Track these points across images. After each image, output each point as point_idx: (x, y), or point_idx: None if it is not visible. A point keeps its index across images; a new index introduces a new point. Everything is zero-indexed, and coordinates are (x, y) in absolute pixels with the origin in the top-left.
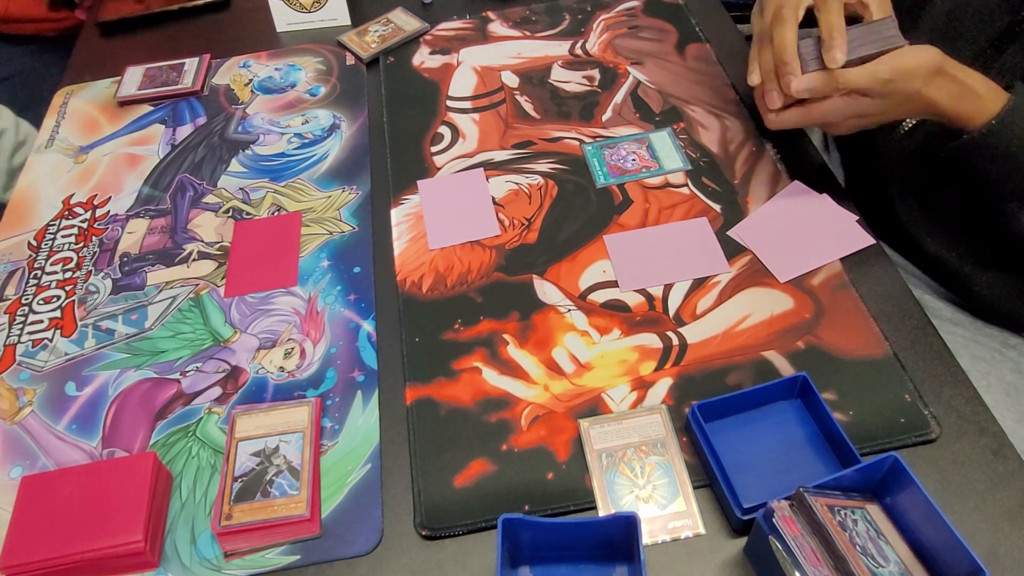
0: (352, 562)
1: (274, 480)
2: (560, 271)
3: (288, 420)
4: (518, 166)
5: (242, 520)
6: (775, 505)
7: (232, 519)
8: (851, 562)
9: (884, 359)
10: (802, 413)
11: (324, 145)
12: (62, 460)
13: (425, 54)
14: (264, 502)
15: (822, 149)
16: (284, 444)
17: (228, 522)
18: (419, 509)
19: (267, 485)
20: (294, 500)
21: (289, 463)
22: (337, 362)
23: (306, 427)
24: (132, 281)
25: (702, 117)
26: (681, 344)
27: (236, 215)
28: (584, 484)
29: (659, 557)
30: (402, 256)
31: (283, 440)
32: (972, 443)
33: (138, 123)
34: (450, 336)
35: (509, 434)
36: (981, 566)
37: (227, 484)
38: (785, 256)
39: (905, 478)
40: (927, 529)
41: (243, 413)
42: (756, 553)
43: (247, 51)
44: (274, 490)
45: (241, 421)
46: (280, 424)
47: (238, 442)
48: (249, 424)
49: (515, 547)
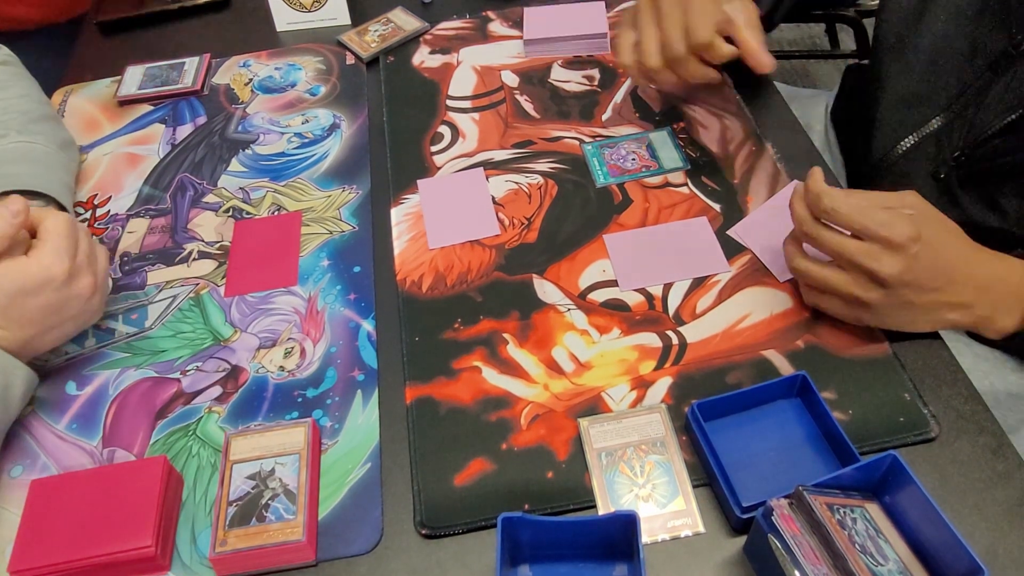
0: (352, 561)
1: (270, 504)
2: (560, 270)
3: (284, 442)
4: (518, 165)
5: (237, 546)
6: (774, 504)
7: (227, 545)
8: (850, 561)
9: (883, 358)
10: (801, 412)
11: (324, 145)
12: (63, 460)
13: (425, 54)
14: (259, 527)
15: (823, 149)
16: (280, 467)
17: (223, 548)
18: (419, 508)
19: (263, 509)
20: (290, 525)
21: (285, 486)
22: (337, 361)
23: (302, 449)
24: (132, 280)
25: (702, 117)
26: (681, 343)
27: (236, 215)
28: (584, 483)
29: (659, 556)
30: (402, 255)
31: (279, 462)
32: (971, 442)
33: (138, 122)
34: (450, 335)
35: (509, 433)
36: (980, 565)
37: (222, 508)
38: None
39: (904, 477)
40: (926, 528)
41: (237, 435)
42: (755, 552)
43: (247, 51)
44: (270, 514)
45: (236, 443)
46: (276, 446)
47: (233, 464)
48: (244, 446)
49: (515, 546)
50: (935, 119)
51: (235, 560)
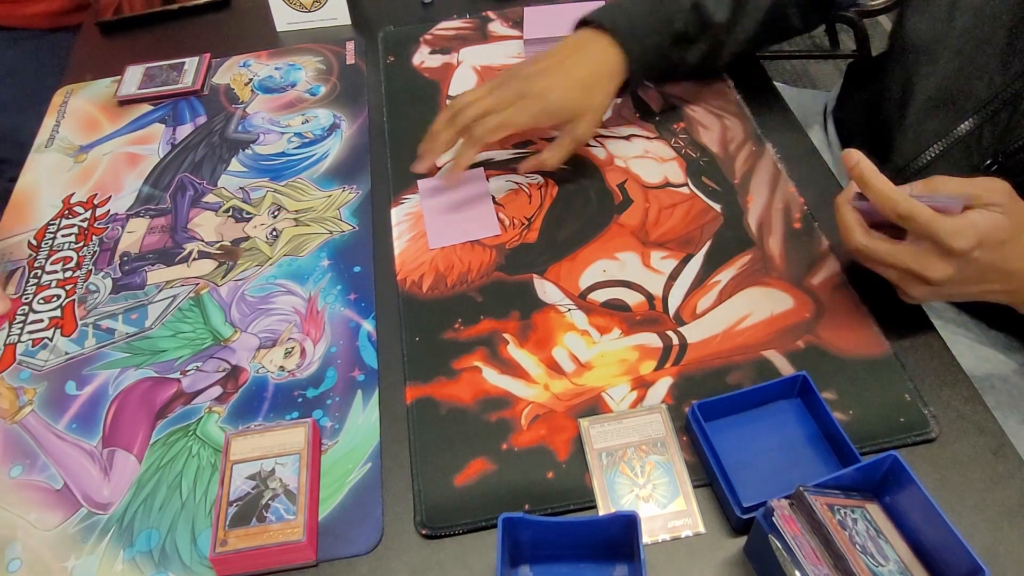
0: (352, 561)
1: (270, 504)
2: (560, 270)
3: (284, 442)
4: (518, 166)
5: (237, 546)
6: (775, 504)
7: (227, 545)
8: (851, 561)
9: (884, 358)
10: (802, 412)
11: (324, 144)
12: (62, 459)
13: (425, 54)
14: (260, 527)
15: (823, 149)
16: (280, 467)
17: (223, 548)
18: (419, 508)
19: (263, 509)
20: (290, 525)
21: (285, 486)
22: (337, 361)
23: (302, 449)
24: (132, 280)
25: (702, 117)
26: (681, 343)
27: (236, 214)
28: (584, 483)
29: (659, 556)
30: (402, 255)
31: (279, 463)
32: (972, 442)
33: (138, 122)
34: (450, 335)
35: (509, 433)
36: (981, 565)
37: (222, 508)
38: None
39: (905, 477)
40: (927, 528)
41: (237, 435)
42: (756, 552)
43: (247, 50)
44: (270, 515)
45: (236, 443)
46: (275, 446)
47: (233, 464)
48: (244, 446)
49: (515, 546)
50: (964, 123)
51: (235, 560)
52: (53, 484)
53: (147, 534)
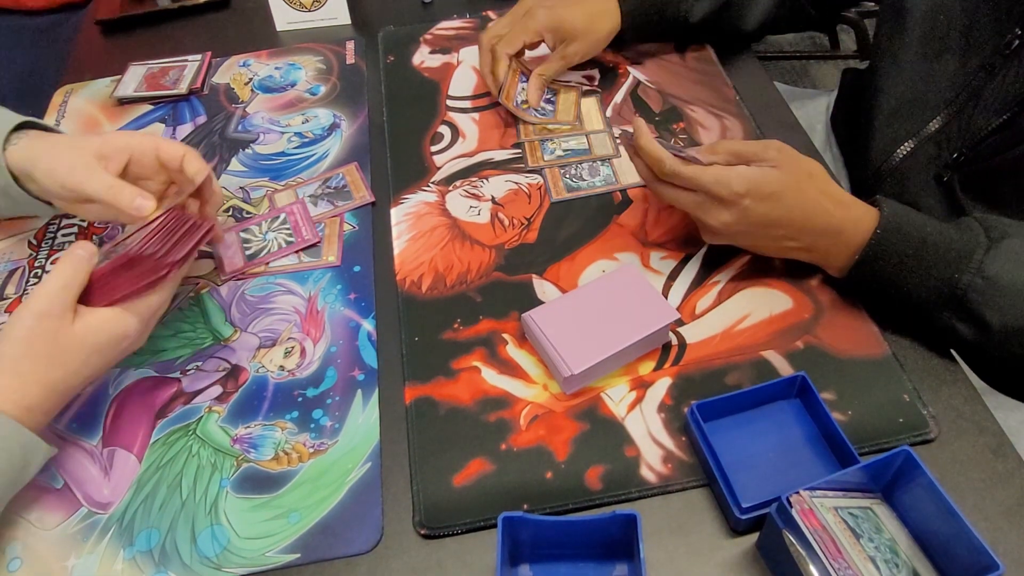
0: (352, 560)
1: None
2: (559, 271)
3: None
4: (518, 166)
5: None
6: (795, 499)
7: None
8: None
9: (883, 359)
10: (801, 413)
11: (324, 144)
12: (62, 459)
13: (425, 53)
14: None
15: (823, 149)
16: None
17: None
18: (418, 508)
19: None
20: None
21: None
22: (337, 361)
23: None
24: None
25: (702, 117)
26: (680, 344)
27: (236, 214)
28: (583, 483)
29: (659, 556)
30: (402, 255)
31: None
32: (971, 442)
33: (138, 122)
34: (449, 335)
35: (508, 433)
36: (996, 561)
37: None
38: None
39: (918, 472)
40: (939, 525)
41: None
42: (768, 548)
43: (247, 50)
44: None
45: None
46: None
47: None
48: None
49: (515, 545)
50: (933, 121)
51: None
52: (53, 484)
53: (147, 533)
